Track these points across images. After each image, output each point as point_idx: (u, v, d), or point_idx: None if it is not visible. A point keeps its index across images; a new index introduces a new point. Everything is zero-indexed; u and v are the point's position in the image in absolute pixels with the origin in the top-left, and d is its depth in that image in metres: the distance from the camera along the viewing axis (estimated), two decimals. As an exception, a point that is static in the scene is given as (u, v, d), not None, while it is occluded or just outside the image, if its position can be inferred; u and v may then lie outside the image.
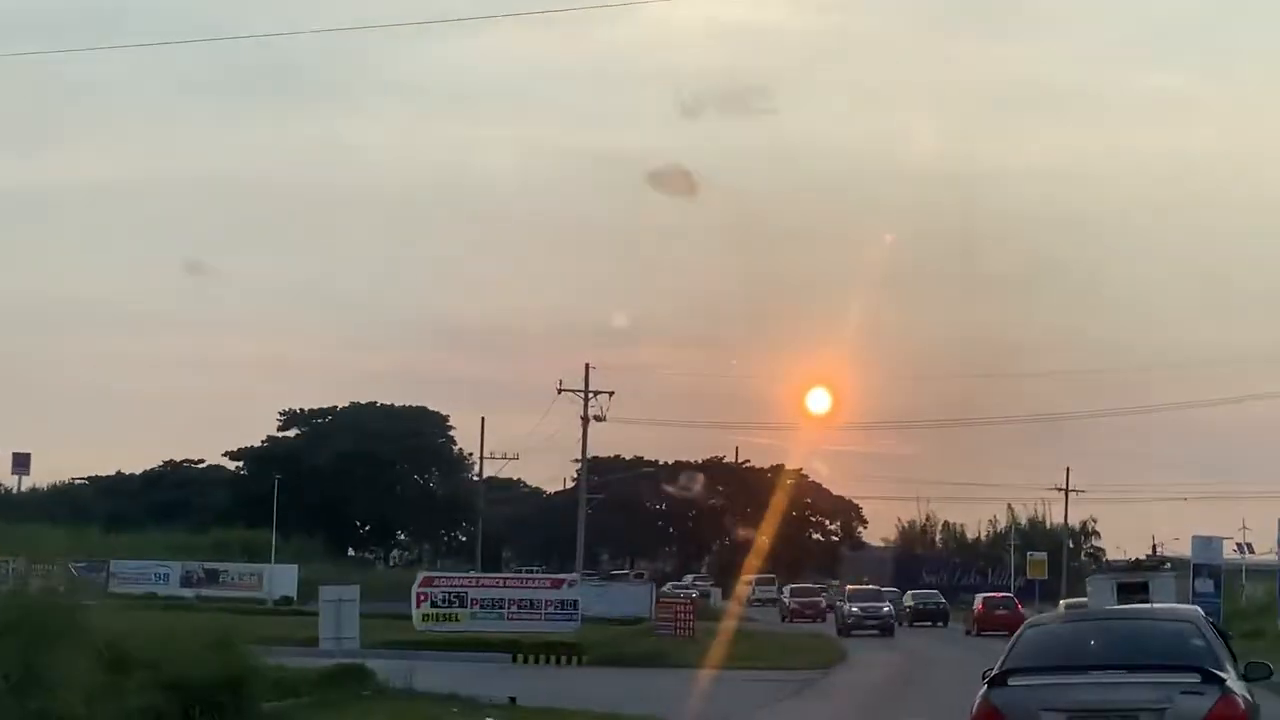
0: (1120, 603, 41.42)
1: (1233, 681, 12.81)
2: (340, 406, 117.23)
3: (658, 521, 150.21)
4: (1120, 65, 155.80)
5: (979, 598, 73.77)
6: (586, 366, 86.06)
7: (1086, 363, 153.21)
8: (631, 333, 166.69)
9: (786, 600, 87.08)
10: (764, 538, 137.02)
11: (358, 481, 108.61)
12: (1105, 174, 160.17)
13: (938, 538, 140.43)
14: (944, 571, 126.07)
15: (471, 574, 47.53)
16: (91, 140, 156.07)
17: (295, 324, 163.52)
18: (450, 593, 43.54)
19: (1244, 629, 58.16)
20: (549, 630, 43.01)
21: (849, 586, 78.93)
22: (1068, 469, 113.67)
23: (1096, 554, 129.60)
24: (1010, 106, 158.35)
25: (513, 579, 46.20)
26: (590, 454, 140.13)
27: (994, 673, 13.13)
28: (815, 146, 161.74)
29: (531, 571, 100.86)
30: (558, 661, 39.98)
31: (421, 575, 45.01)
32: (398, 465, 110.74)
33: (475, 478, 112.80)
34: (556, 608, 43.93)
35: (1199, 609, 16.57)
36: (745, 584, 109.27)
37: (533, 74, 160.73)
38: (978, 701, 12.94)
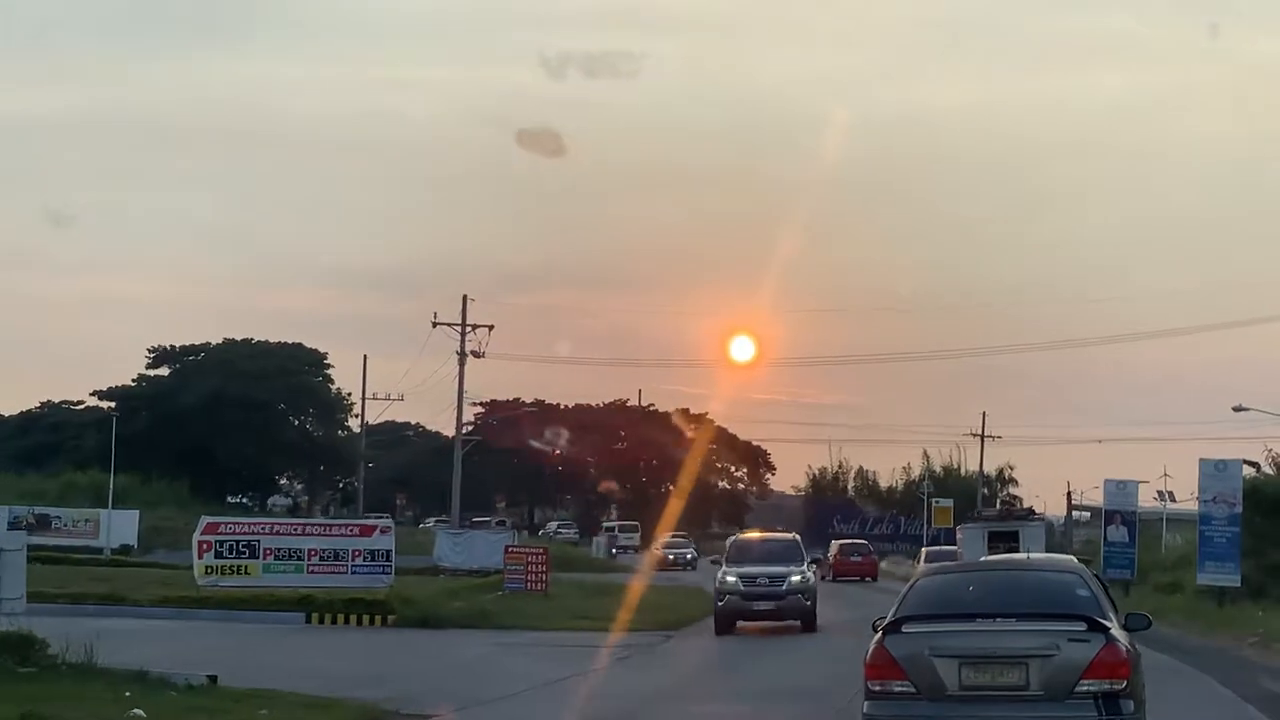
0: (990, 552, 38.76)
1: (1116, 630, 13.12)
2: (213, 344, 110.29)
3: (559, 468, 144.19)
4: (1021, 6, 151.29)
5: (835, 544, 76.07)
6: (464, 298, 79.57)
7: (1006, 302, 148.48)
8: (533, 276, 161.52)
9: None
10: (668, 485, 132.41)
11: (228, 423, 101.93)
12: (1009, 115, 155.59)
13: (850, 485, 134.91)
14: (856, 520, 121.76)
15: (266, 519, 40.72)
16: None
17: (176, 262, 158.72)
18: (239, 541, 37.04)
19: (1161, 581, 53.47)
20: (357, 585, 36.81)
21: (737, 537, 43.08)
22: (984, 414, 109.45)
23: (1012, 502, 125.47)
24: (896, 48, 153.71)
25: (314, 525, 39.58)
26: (488, 397, 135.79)
27: (888, 620, 13.34)
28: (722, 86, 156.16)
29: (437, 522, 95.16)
30: (359, 622, 33.98)
31: (204, 521, 38.47)
32: (272, 405, 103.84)
33: (357, 419, 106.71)
34: (366, 559, 37.59)
35: (1074, 558, 18.00)
36: (605, 531, 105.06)
37: (422, 14, 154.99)
38: (872, 648, 13.13)
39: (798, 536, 40.27)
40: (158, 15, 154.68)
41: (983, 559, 23.91)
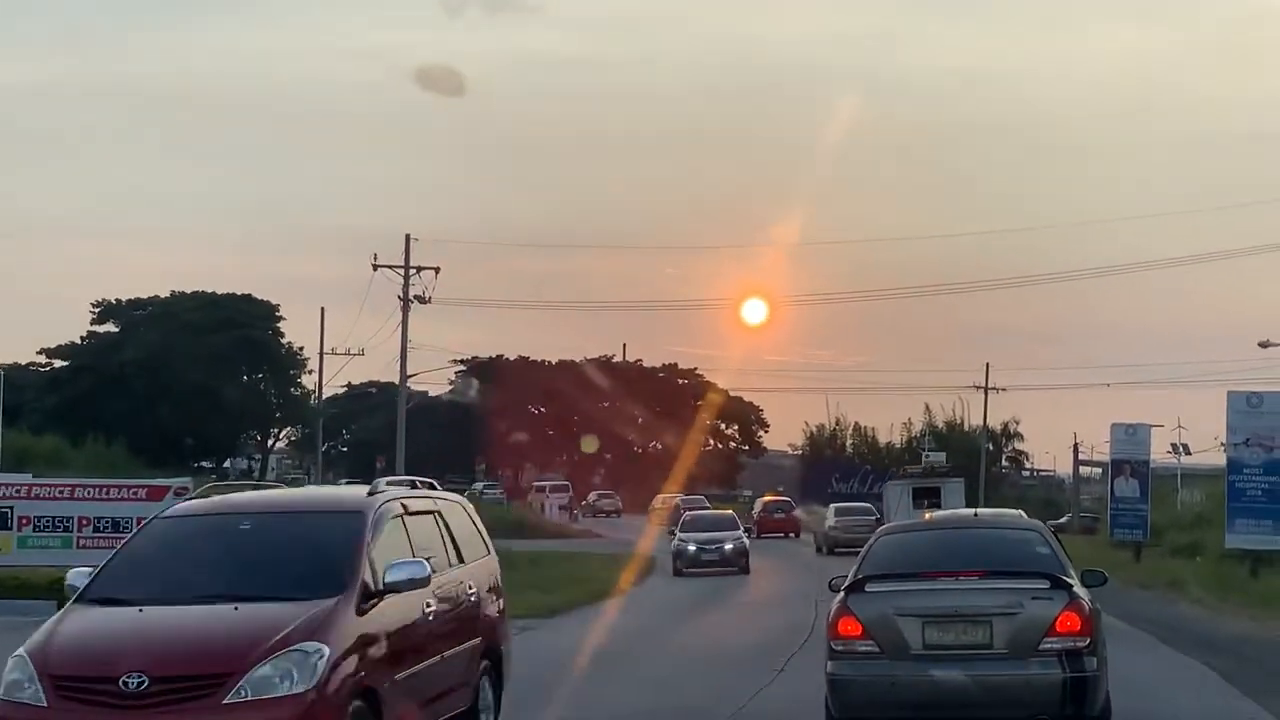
0: (915, 507, 41.16)
1: (1078, 587, 13.04)
2: (160, 297, 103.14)
3: (546, 429, 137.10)
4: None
5: (759, 502, 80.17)
6: (407, 238, 71.94)
7: (1011, 240, 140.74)
8: (518, 235, 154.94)
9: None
10: (655, 444, 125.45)
11: (171, 380, 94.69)
12: (1002, 68, 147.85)
13: (848, 443, 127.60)
14: (854, 478, 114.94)
15: (24, 481, 32.00)
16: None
17: (126, 221, 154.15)
18: (-14, 508, 28.93)
19: (1179, 542, 46.21)
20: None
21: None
22: (987, 365, 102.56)
23: (1018, 457, 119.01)
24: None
25: (88, 486, 31.02)
26: (471, 354, 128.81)
27: (850, 580, 13.26)
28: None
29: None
30: (129, 609, 26.22)
31: (-55, 485, 30.48)
32: (219, 361, 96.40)
33: (311, 375, 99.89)
34: (155, 529, 29.53)
35: (1023, 513, 16.79)
36: (536, 491, 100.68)
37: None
38: (835, 608, 13.06)
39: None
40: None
41: (935, 515, 21.04)
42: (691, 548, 42.82)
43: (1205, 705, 15.75)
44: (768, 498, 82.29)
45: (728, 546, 42.88)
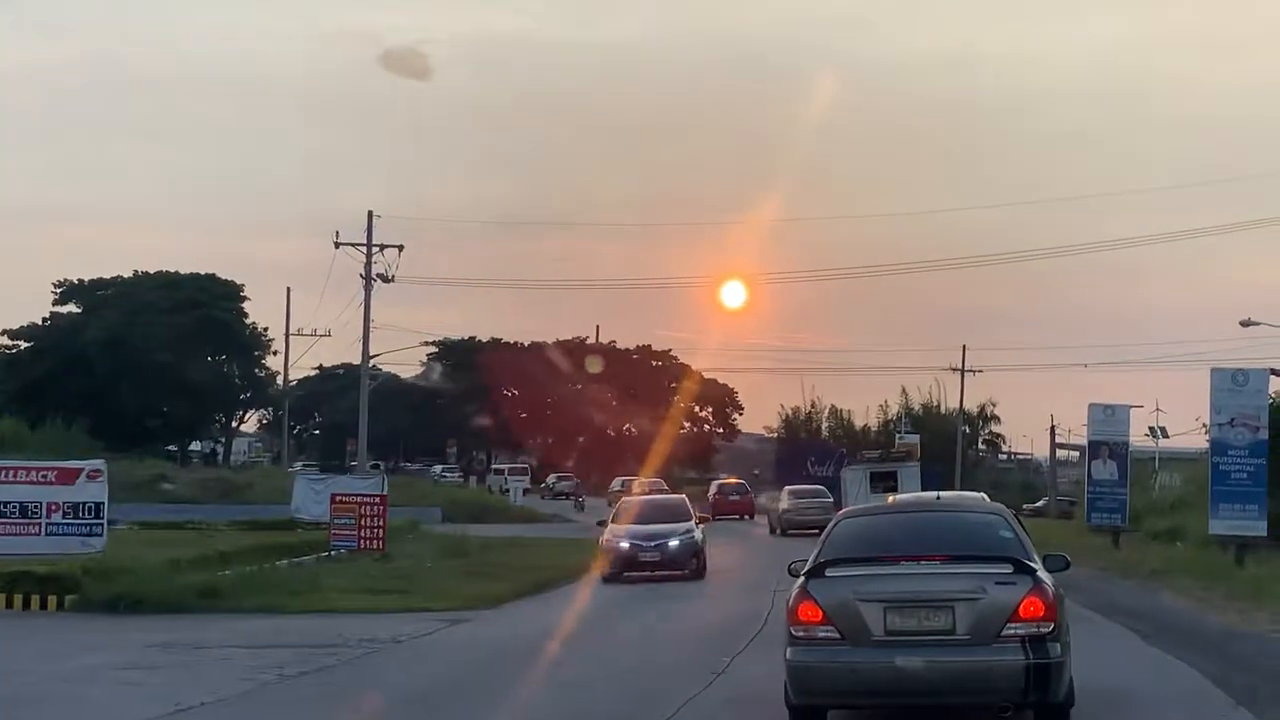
0: (872, 491, 40.36)
1: (1042, 572, 12.81)
2: (123, 277, 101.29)
3: (520, 412, 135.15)
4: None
5: (714, 484, 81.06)
6: (369, 214, 70.20)
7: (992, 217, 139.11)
8: (487, 217, 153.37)
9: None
10: (629, 427, 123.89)
11: (132, 361, 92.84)
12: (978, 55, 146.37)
13: (824, 425, 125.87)
14: (830, 462, 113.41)
15: None
16: None
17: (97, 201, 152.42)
18: (-126, 493, 26.91)
19: (1157, 527, 44.63)
20: (53, 551, 27.08)
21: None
22: (964, 347, 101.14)
23: (995, 440, 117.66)
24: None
25: None
26: (441, 336, 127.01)
27: (810, 565, 13.00)
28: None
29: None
30: (25, 605, 24.69)
31: None
32: (181, 342, 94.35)
33: (276, 356, 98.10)
34: (67, 515, 27.84)
35: (985, 496, 18.48)
36: (495, 473, 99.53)
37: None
38: (794, 593, 12.76)
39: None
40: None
41: (897, 499, 21.38)
42: (624, 545, 33.72)
43: (1195, 718, 14.04)
44: (723, 480, 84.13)
45: (672, 544, 33.70)
